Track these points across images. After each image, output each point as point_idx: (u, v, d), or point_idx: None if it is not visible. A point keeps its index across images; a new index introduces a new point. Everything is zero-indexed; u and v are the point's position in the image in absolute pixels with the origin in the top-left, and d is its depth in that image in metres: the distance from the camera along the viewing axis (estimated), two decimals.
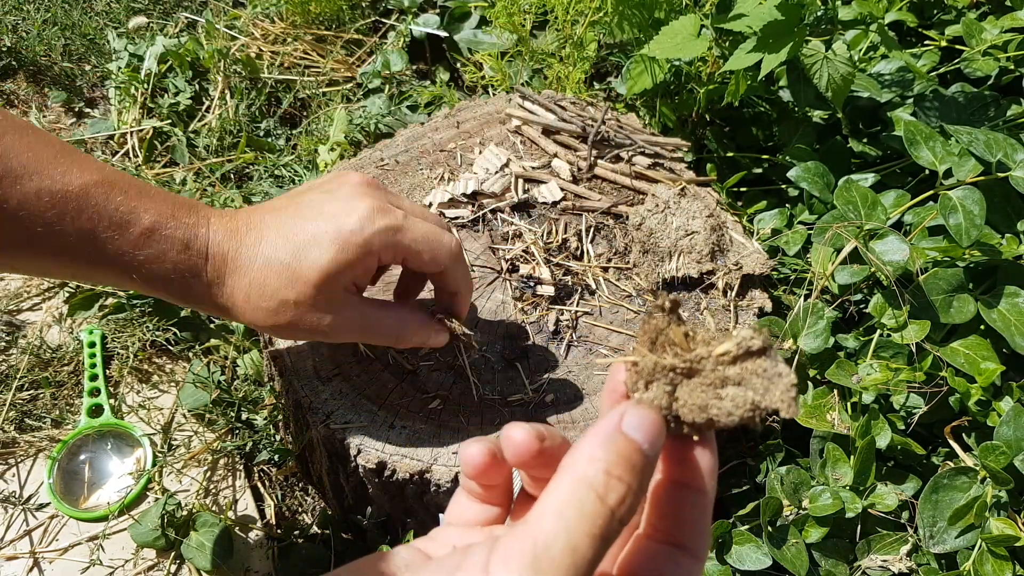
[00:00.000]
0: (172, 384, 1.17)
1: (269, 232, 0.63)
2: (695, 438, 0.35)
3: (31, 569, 0.97)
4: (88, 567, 0.96)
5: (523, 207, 1.02)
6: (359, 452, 0.81)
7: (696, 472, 0.35)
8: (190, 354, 1.19)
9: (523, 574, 0.28)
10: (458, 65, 1.66)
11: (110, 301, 1.22)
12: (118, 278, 0.61)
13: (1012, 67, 1.18)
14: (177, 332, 1.18)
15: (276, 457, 1.07)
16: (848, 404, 0.91)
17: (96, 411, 1.11)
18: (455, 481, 0.79)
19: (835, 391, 0.93)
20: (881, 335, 0.92)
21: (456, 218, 1.00)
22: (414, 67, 1.66)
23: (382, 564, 0.34)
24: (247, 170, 1.48)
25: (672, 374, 0.34)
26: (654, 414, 0.33)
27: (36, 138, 0.57)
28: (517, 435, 0.35)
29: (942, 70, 1.22)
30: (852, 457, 0.87)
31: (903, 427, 0.89)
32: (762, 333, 0.34)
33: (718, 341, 0.34)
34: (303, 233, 0.62)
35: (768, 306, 0.96)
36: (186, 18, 1.77)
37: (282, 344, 0.89)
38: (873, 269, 0.93)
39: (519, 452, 0.35)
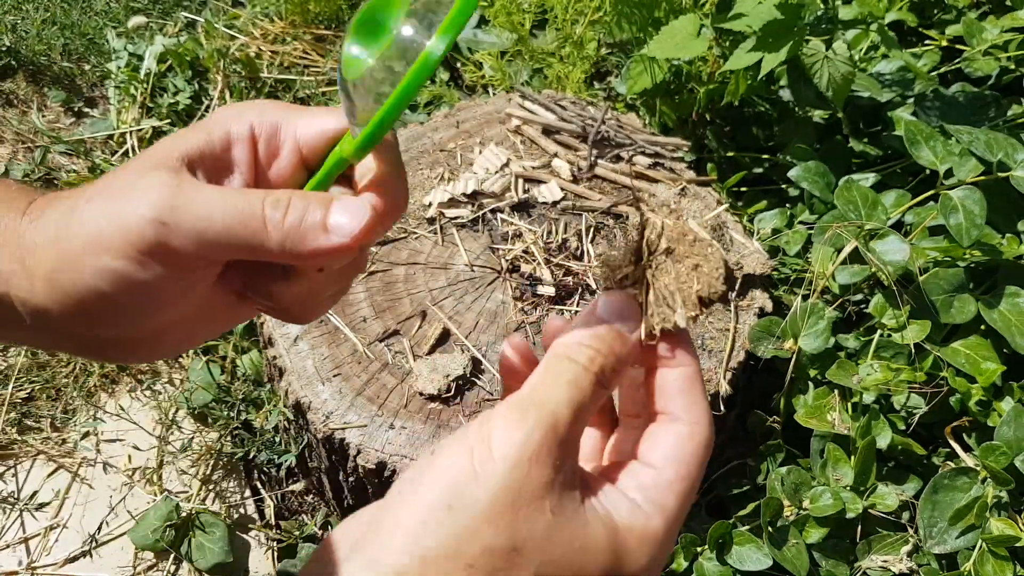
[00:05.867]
0: (171, 384, 1.17)
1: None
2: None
3: (31, 569, 0.97)
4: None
5: (523, 207, 1.02)
6: (359, 452, 0.81)
7: (669, 354, 0.38)
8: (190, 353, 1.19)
9: (509, 414, 0.34)
10: (458, 65, 1.65)
11: None
12: None
13: (1013, 67, 1.18)
14: None
15: (276, 457, 1.07)
16: (849, 404, 0.91)
17: None
18: None
19: (836, 391, 0.93)
20: (881, 335, 0.92)
21: (456, 218, 1.00)
22: None
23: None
24: None
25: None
26: (620, 294, 0.38)
27: None
28: (554, 321, 0.40)
29: (942, 70, 1.22)
30: (853, 457, 0.87)
31: (904, 427, 0.89)
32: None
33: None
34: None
35: (768, 306, 0.96)
36: (185, 18, 1.77)
37: (281, 346, 0.89)
38: (873, 269, 0.93)
39: (551, 332, 0.40)
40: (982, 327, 0.91)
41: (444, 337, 0.89)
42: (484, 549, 0.31)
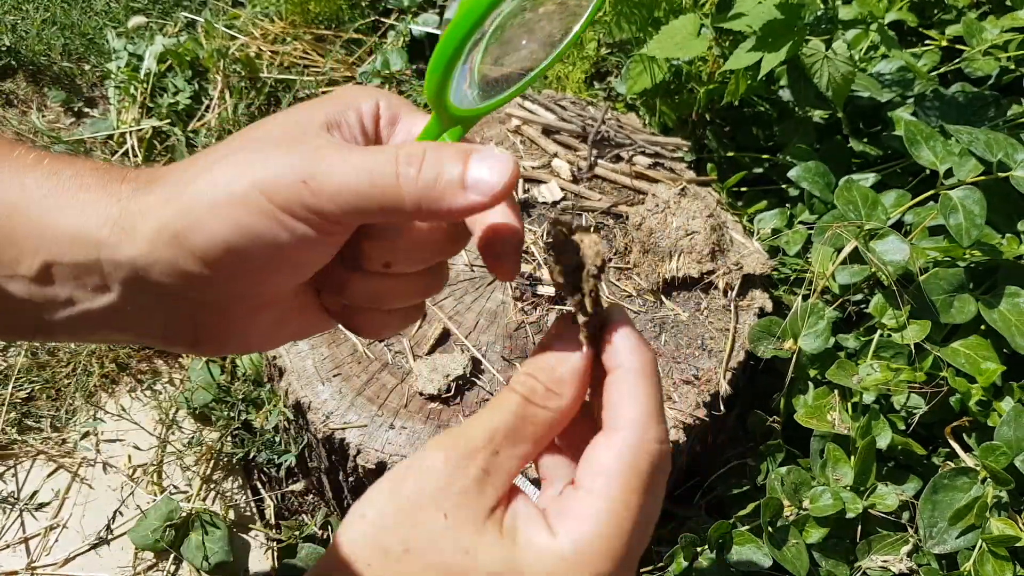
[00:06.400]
0: (171, 384, 1.17)
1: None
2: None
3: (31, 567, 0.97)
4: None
5: (523, 207, 1.02)
6: (359, 452, 0.81)
7: (607, 358, 0.39)
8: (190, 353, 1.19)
9: (445, 438, 0.37)
10: None
11: None
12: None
13: (1013, 67, 1.18)
14: None
15: (276, 457, 1.07)
16: (849, 404, 0.91)
17: None
18: None
19: (836, 391, 0.93)
20: (882, 335, 0.92)
21: None
22: (414, 66, 1.66)
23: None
24: None
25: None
26: (557, 319, 0.41)
27: None
28: None
29: (942, 70, 1.22)
30: (852, 457, 0.87)
31: (903, 427, 0.89)
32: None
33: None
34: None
35: (768, 306, 0.96)
36: (185, 17, 1.77)
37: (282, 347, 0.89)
38: (873, 269, 0.93)
39: None
40: (982, 327, 0.91)
41: (444, 337, 0.89)
42: (382, 550, 0.35)
